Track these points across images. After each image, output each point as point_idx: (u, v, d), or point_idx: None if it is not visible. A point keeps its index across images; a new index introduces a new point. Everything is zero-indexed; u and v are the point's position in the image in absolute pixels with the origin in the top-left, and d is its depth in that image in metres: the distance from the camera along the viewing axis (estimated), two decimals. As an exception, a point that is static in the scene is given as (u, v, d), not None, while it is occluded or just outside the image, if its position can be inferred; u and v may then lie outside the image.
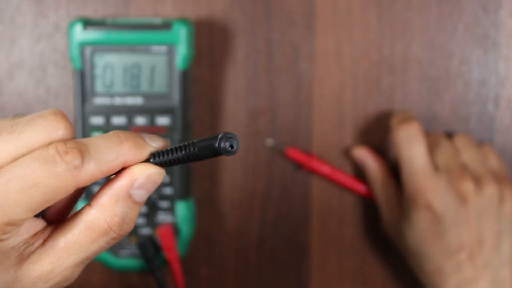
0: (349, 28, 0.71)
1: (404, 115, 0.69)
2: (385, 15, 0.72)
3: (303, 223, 0.74)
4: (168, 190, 0.68)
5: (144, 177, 0.42)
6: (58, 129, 0.41)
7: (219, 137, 0.41)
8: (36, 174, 0.40)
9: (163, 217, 0.69)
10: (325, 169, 0.72)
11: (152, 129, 0.67)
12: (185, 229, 0.69)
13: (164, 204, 0.69)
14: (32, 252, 0.42)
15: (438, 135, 0.70)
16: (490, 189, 0.66)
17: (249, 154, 0.73)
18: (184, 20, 0.67)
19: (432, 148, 0.68)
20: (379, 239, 0.74)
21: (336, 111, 0.72)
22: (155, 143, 0.43)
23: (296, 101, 0.72)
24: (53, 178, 0.40)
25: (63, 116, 0.42)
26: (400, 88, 0.72)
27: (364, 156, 0.71)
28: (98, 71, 0.67)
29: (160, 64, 0.67)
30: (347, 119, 0.72)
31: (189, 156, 0.42)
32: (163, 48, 0.67)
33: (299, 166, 0.73)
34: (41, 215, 0.44)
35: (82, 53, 0.67)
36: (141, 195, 0.42)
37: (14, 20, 0.70)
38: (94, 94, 0.67)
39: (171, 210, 0.69)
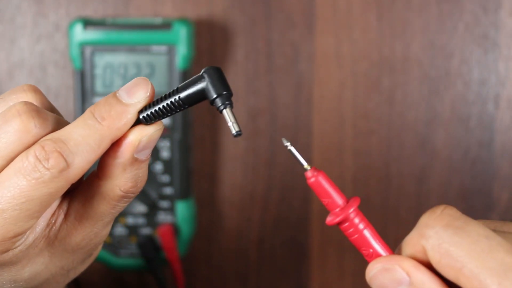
0: (349, 28, 0.71)
1: None
2: (385, 15, 0.72)
3: (303, 223, 0.74)
4: (168, 190, 0.68)
5: (145, 141, 0.40)
6: (29, 131, 0.39)
7: (220, 108, 0.40)
8: (24, 189, 0.38)
9: (163, 217, 0.69)
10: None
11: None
12: (185, 229, 0.69)
13: (164, 204, 0.68)
14: (58, 230, 0.42)
15: None
16: None
17: (249, 154, 0.73)
18: (184, 20, 0.67)
19: None
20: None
21: (336, 111, 0.72)
22: (135, 98, 0.40)
23: (296, 101, 0.72)
24: (42, 188, 0.39)
25: (29, 112, 0.39)
26: (400, 88, 0.72)
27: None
28: (98, 71, 0.67)
29: (160, 64, 0.67)
30: (347, 119, 0.72)
31: (178, 107, 0.40)
32: (163, 48, 0.67)
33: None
34: None
35: (82, 53, 0.67)
36: (146, 154, 0.41)
37: (14, 20, 0.70)
38: (94, 94, 0.67)
39: (171, 210, 0.69)
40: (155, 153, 0.67)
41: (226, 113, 0.40)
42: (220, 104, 0.40)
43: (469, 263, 0.36)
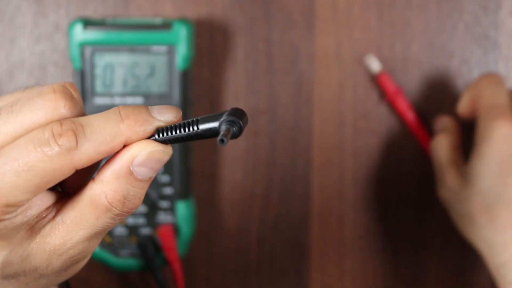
0: (349, 28, 0.72)
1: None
2: (385, 15, 0.72)
3: (303, 223, 0.74)
4: (168, 190, 0.68)
5: (145, 155, 0.41)
6: (57, 109, 0.40)
7: (221, 126, 0.40)
8: (30, 158, 0.39)
9: (163, 217, 0.69)
10: (404, 108, 0.71)
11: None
12: (185, 229, 0.69)
13: (164, 204, 0.69)
14: (44, 226, 0.42)
15: None
16: None
17: (249, 154, 0.73)
18: (184, 20, 0.67)
19: None
20: (379, 239, 0.74)
21: (336, 111, 0.72)
22: (163, 117, 0.41)
23: (296, 101, 0.72)
24: (47, 162, 0.39)
25: (64, 93, 0.41)
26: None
27: (446, 121, 0.70)
28: (98, 71, 0.67)
29: (160, 64, 0.67)
30: (347, 119, 0.72)
31: (193, 136, 0.41)
32: (163, 48, 0.67)
33: (382, 95, 0.71)
34: (59, 187, 0.44)
35: (82, 53, 0.67)
36: (144, 173, 0.41)
37: (14, 20, 0.70)
38: (94, 94, 0.67)
39: (171, 210, 0.69)
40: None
41: (224, 128, 0.39)
42: (224, 125, 0.40)
43: (483, 102, 0.65)
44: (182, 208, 0.69)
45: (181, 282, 0.69)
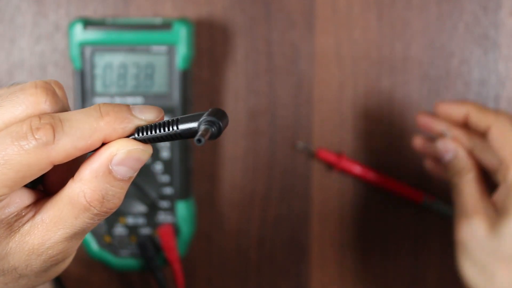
0: (349, 28, 0.72)
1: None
2: (385, 15, 0.72)
3: (303, 223, 0.74)
4: (168, 190, 0.68)
5: (123, 153, 0.40)
6: (38, 104, 0.40)
7: (200, 126, 0.39)
8: (7, 151, 0.39)
9: (163, 217, 0.69)
10: (356, 169, 0.72)
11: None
12: (185, 229, 0.69)
13: (164, 204, 0.69)
14: (23, 225, 0.41)
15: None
16: None
17: (249, 154, 0.73)
18: (184, 20, 0.67)
19: None
20: (379, 239, 0.74)
21: (336, 111, 0.72)
22: (144, 115, 0.41)
23: (296, 101, 0.72)
24: (24, 155, 0.39)
25: (46, 89, 0.40)
26: (400, 88, 0.72)
27: (464, 160, 0.64)
28: (98, 71, 0.67)
29: (160, 64, 0.67)
30: (347, 119, 0.72)
31: (172, 136, 0.40)
32: (163, 48, 0.67)
33: (330, 167, 0.72)
34: (42, 186, 0.43)
35: (82, 53, 0.67)
36: (123, 172, 0.40)
37: (14, 20, 0.70)
38: (94, 94, 0.67)
39: (171, 210, 0.69)
40: (155, 153, 0.67)
41: (203, 128, 0.39)
42: (203, 125, 0.39)
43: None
44: (182, 208, 0.69)
45: (181, 282, 0.69)
